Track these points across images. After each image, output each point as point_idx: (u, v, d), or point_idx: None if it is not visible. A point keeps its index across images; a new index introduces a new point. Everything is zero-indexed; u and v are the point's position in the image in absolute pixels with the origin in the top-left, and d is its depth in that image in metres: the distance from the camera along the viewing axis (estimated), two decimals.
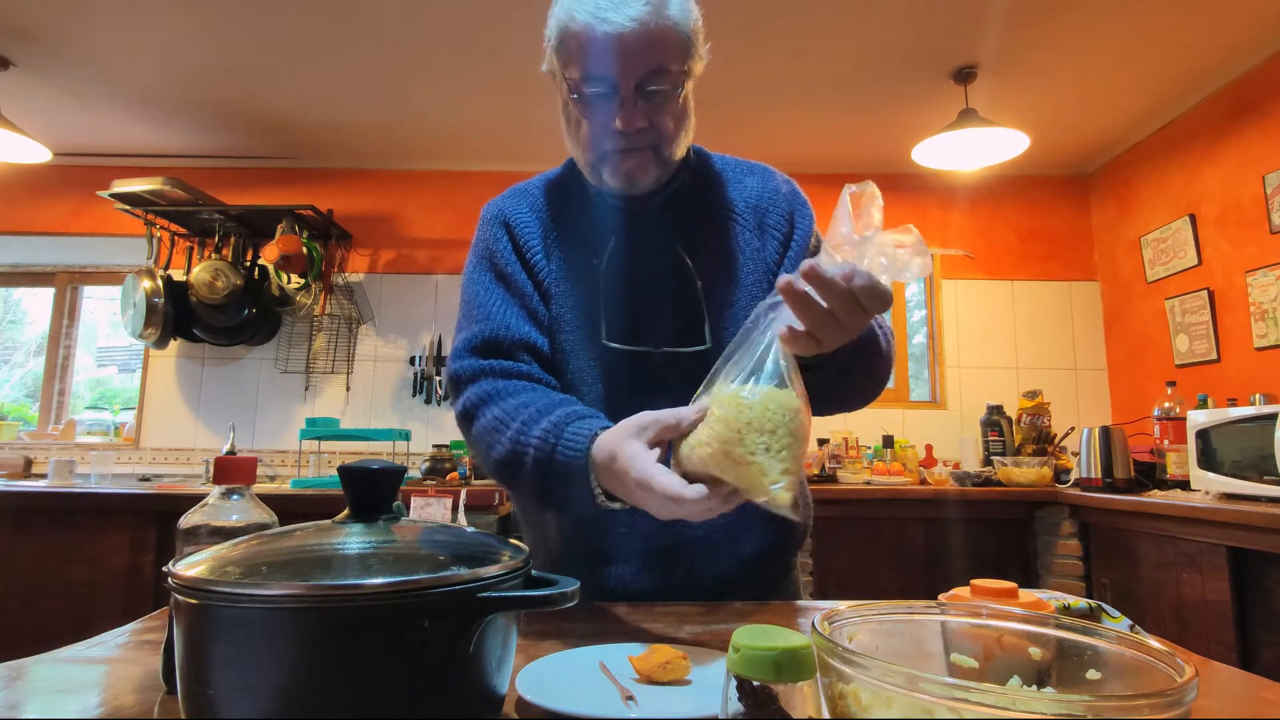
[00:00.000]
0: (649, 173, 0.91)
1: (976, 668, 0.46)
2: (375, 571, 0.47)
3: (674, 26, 0.84)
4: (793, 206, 1.01)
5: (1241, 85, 2.70)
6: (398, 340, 3.50)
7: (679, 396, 0.87)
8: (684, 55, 0.87)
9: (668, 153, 0.92)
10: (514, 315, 0.95)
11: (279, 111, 3.11)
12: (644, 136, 0.88)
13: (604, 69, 0.84)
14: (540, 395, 0.88)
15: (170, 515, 2.41)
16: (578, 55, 0.84)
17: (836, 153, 3.42)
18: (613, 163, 0.90)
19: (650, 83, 0.84)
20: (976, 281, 3.55)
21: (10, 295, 3.98)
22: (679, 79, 0.87)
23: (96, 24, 2.48)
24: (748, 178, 1.03)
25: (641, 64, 0.83)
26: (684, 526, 0.93)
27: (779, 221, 0.99)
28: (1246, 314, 2.66)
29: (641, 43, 0.82)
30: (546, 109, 3.05)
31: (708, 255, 0.97)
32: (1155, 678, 0.38)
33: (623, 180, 0.91)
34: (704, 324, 0.94)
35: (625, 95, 0.85)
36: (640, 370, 0.94)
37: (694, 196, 1.00)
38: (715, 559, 0.95)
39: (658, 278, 0.96)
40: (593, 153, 0.91)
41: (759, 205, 1.00)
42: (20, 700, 0.57)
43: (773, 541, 0.99)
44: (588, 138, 0.90)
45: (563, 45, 0.86)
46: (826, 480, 2.98)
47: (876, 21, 2.43)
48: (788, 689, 0.34)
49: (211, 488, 0.63)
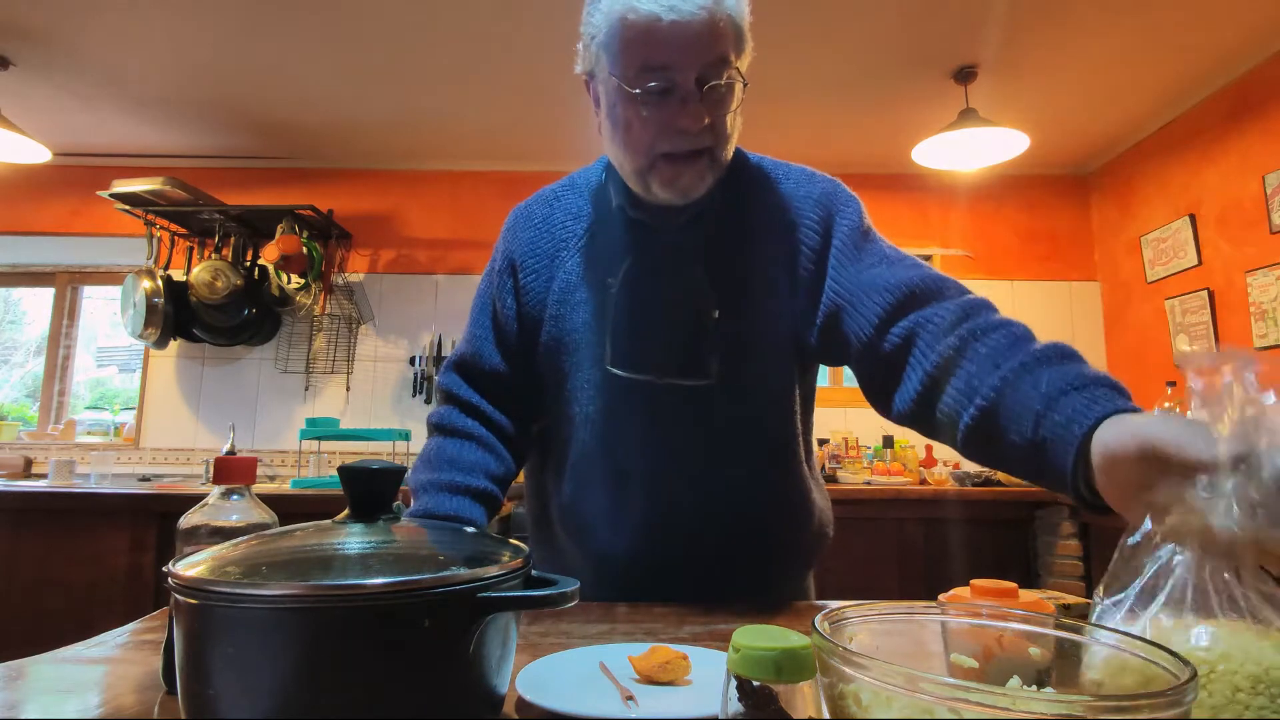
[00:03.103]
0: (705, 181, 0.85)
1: (976, 668, 0.46)
2: (375, 571, 0.47)
3: (733, 17, 0.80)
4: (829, 210, 0.92)
5: (1241, 85, 2.70)
6: (398, 340, 3.50)
7: (672, 428, 0.91)
8: (740, 48, 0.82)
9: (723, 157, 0.85)
10: (490, 346, 1.00)
11: (279, 111, 3.11)
12: (703, 137, 0.82)
13: (667, 61, 0.78)
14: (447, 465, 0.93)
15: (170, 515, 2.41)
16: (637, 47, 0.78)
17: (836, 153, 3.42)
18: (664, 172, 0.83)
19: (711, 76, 0.79)
20: (976, 281, 3.54)
21: (10, 295, 3.98)
22: (736, 74, 0.82)
23: (97, 24, 2.48)
24: (782, 183, 0.94)
25: (704, 56, 0.78)
26: (671, 547, 0.93)
27: (810, 234, 0.90)
28: (1246, 314, 2.65)
29: (706, 32, 0.77)
30: (547, 109, 3.07)
31: (728, 284, 0.90)
32: (1155, 678, 0.38)
33: (677, 193, 0.84)
34: (711, 358, 0.89)
35: (687, 90, 0.79)
36: (638, 398, 0.90)
37: (724, 213, 0.92)
38: (707, 582, 0.94)
39: (671, 303, 0.90)
40: (644, 158, 0.83)
41: (788, 219, 0.91)
42: (20, 700, 0.57)
43: (777, 568, 1.00)
44: (640, 140, 0.82)
45: (617, 38, 0.79)
46: (827, 480, 2.97)
47: (877, 21, 2.43)
48: (788, 689, 0.34)
49: (211, 488, 0.63)
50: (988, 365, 0.70)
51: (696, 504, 0.92)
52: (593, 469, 0.94)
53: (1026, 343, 0.71)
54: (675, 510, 0.92)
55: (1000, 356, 0.70)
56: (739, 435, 0.92)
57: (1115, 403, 0.59)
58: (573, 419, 0.95)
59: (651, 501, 0.92)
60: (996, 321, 0.75)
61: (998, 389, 0.67)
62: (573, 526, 0.97)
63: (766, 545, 0.98)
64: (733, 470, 0.92)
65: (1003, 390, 0.67)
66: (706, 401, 0.90)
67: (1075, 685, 0.43)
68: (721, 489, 0.92)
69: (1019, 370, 0.67)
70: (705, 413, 0.90)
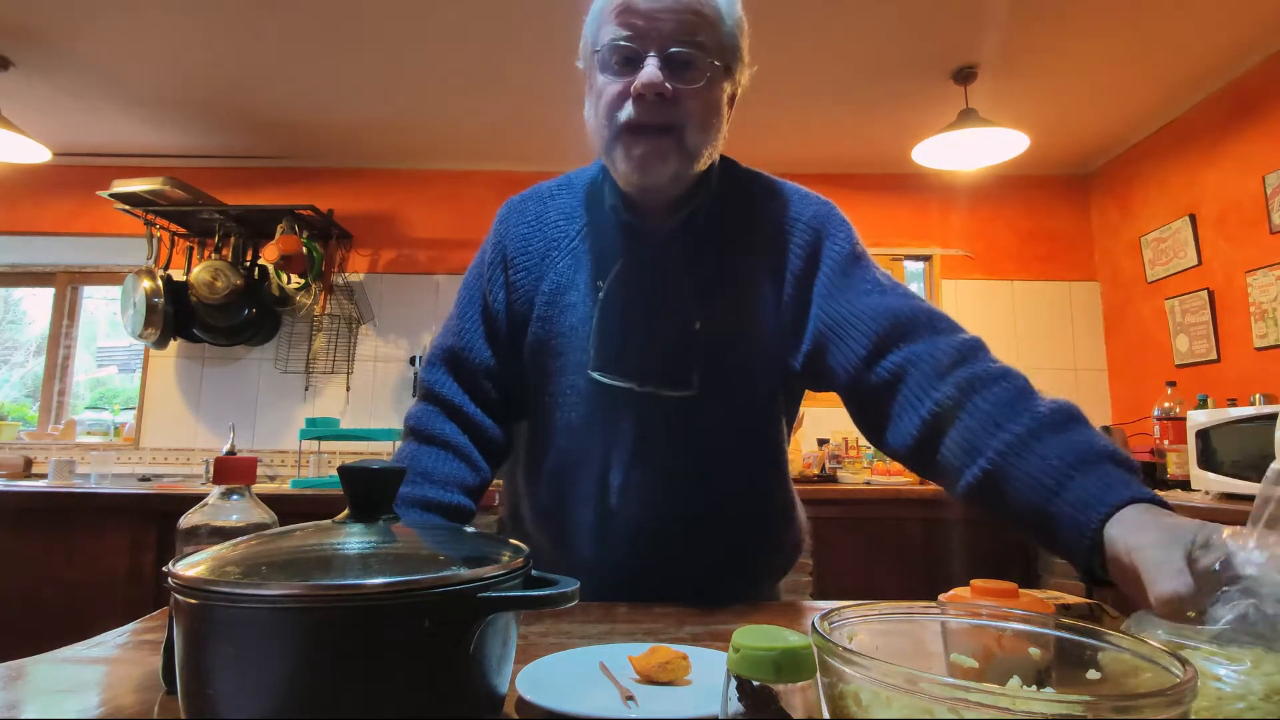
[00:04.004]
0: (668, 164, 0.83)
1: (976, 668, 0.46)
2: (375, 571, 0.47)
3: (715, 10, 0.83)
4: (819, 234, 0.91)
5: (1241, 85, 2.70)
6: (398, 340, 3.50)
7: (649, 436, 0.89)
8: (719, 39, 0.83)
9: (692, 144, 0.83)
10: (479, 340, 0.97)
11: (279, 111, 3.11)
12: (665, 112, 0.81)
13: (639, 30, 0.81)
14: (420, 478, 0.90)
15: (170, 515, 2.40)
16: (614, 17, 0.82)
17: (836, 153, 3.42)
18: (627, 143, 0.83)
19: (681, 55, 0.81)
20: (976, 281, 3.55)
21: (10, 295, 3.98)
22: (711, 60, 0.82)
23: (97, 24, 2.48)
24: (772, 201, 0.94)
25: (674, 30, 0.80)
26: (645, 556, 0.92)
27: (797, 256, 0.90)
28: (1246, 314, 2.65)
29: (679, 8, 0.80)
30: (547, 110, 3.06)
31: (715, 295, 0.90)
32: (1155, 678, 0.38)
33: (637, 168, 0.83)
34: (694, 369, 0.89)
35: (651, 57, 0.80)
36: (617, 404, 0.90)
37: (713, 223, 0.92)
38: (683, 590, 0.92)
39: (656, 310, 0.90)
40: (610, 127, 0.83)
41: (777, 238, 0.91)
42: (20, 700, 0.57)
43: (750, 578, 0.99)
44: (608, 107, 0.83)
45: (600, 13, 0.85)
46: (826, 480, 2.98)
47: (877, 21, 2.43)
48: (788, 689, 0.34)
49: (211, 488, 0.63)
50: (990, 423, 0.71)
51: (674, 513, 0.91)
52: (570, 474, 0.93)
53: (1029, 399, 0.71)
54: (651, 518, 0.91)
55: (1003, 415, 0.70)
56: (719, 447, 0.92)
57: (1128, 489, 0.61)
58: (554, 423, 0.94)
59: (627, 509, 0.91)
60: (996, 371, 0.75)
61: (1002, 453, 0.68)
62: (547, 530, 0.97)
63: (742, 556, 0.97)
64: (711, 481, 0.92)
65: (1008, 455, 0.68)
66: (687, 412, 0.89)
67: (1075, 685, 0.43)
68: (699, 499, 0.92)
69: (1026, 437, 0.68)
70: (685, 423, 0.90)
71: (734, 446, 0.93)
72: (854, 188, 3.56)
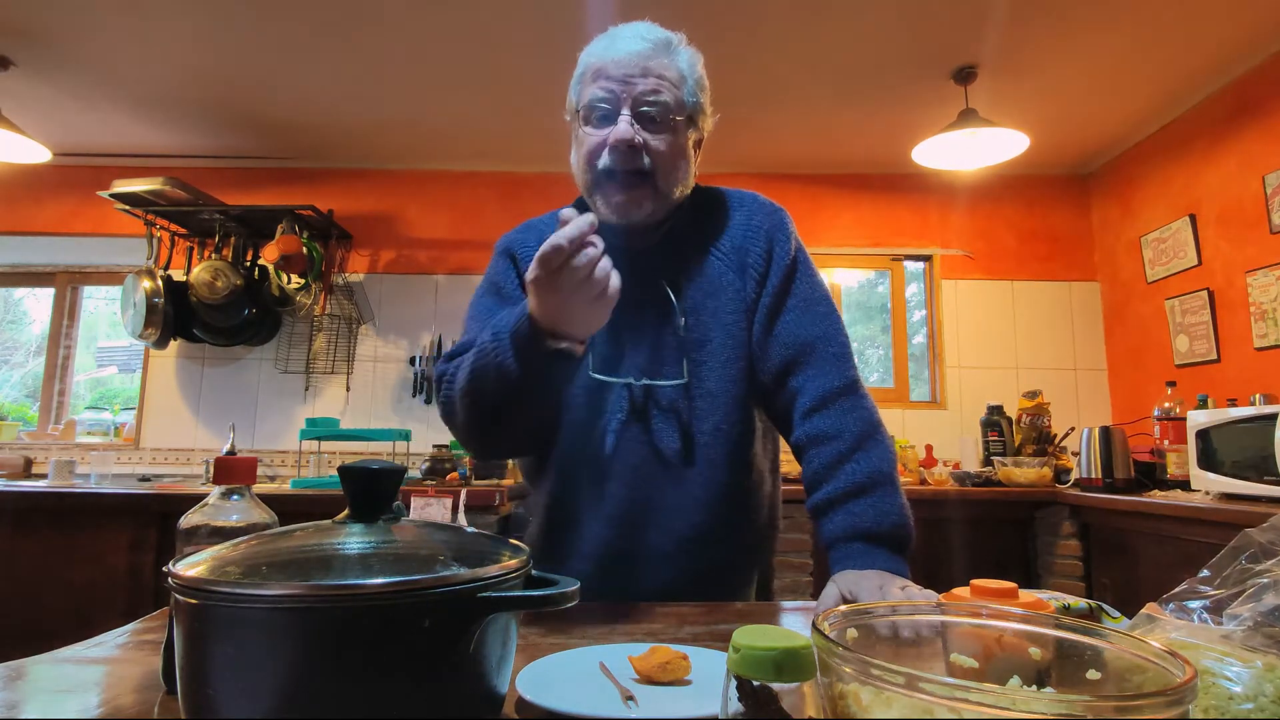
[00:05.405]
0: (643, 207, 0.97)
1: (976, 668, 0.46)
2: (375, 571, 0.47)
3: (677, 66, 0.98)
4: (771, 242, 1.05)
5: (1241, 85, 2.70)
6: (398, 340, 3.50)
7: (651, 425, 1.01)
8: (681, 97, 0.97)
9: (664, 186, 0.97)
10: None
11: (279, 112, 3.11)
12: (636, 159, 0.94)
13: (608, 86, 0.95)
14: None
15: (170, 515, 2.41)
16: (590, 80, 0.97)
17: (836, 153, 3.41)
18: (606, 189, 0.97)
19: (649, 113, 0.95)
20: (976, 281, 3.55)
21: (10, 295, 3.98)
22: (674, 116, 0.96)
23: (97, 24, 2.48)
24: (735, 213, 1.09)
25: (643, 91, 0.95)
26: (641, 534, 1.00)
27: (757, 260, 1.05)
28: (1246, 314, 2.65)
29: (642, 64, 0.95)
30: (547, 110, 3.06)
31: (692, 292, 1.03)
32: (1155, 678, 0.38)
33: (615, 210, 0.97)
34: (683, 359, 1.01)
35: (623, 113, 0.94)
36: (618, 400, 1.01)
37: (689, 235, 1.06)
38: (668, 567, 1.00)
39: (644, 312, 1.02)
40: (590, 174, 0.97)
41: (741, 245, 1.06)
42: (20, 700, 0.57)
43: (730, 554, 1.05)
44: (587, 156, 0.97)
45: (581, 78, 1.00)
46: None
47: (877, 21, 2.43)
48: (788, 689, 0.34)
49: (211, 488, 0.63)
50: (814, 480, 0.98)
51: (666, 489, 1.00)
52: (576, 464, 1.02)
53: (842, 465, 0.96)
54: (648, 506, 1.00)
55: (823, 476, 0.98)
56: (706, 436, 1.01)
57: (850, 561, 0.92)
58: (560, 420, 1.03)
59: (630, 497, 1.00)
60: (832, 429, 0.98)
61: (817, 504, 0.98)
62: (561, 515, 1.04)
63: (726, 540, 1.04)
64: (700, 469, 1.01)
65: (820, 506, 0.97)
66: (679, 402, 1.01)
67: (1075, 685, 0.43)
68: (687, 476, 1.01)
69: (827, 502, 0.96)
70: (677, 413, 1.01)
71: (717, 434, 1.02)
72: (854, 188, 3.56)
